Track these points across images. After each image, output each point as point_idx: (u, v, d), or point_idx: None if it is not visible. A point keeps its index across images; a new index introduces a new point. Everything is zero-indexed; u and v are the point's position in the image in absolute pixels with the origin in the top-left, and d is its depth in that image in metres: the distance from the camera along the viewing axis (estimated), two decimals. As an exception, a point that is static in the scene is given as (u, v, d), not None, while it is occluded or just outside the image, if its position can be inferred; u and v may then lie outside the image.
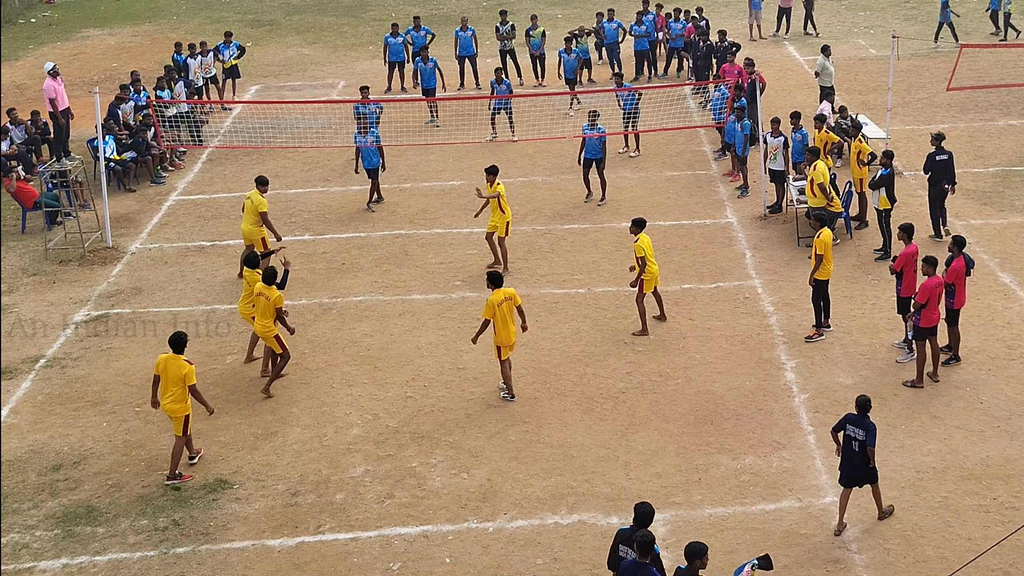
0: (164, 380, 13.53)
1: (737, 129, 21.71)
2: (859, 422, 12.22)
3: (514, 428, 14.65)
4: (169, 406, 13.54)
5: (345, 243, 20.41)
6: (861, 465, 12.20)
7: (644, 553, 9.85)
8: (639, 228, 16.52)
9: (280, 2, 41.04)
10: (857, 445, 12.18)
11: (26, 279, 19.44)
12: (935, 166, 19.12)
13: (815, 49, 29.25)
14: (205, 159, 25.14)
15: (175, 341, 13.63)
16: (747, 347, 16.39)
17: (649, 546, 9.83)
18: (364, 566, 12.27)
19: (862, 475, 12.28)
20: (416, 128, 25.81)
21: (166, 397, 13.54)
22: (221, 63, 28.75)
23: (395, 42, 28.43)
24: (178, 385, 13.48)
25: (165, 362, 13.55)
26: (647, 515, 10.24)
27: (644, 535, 9.92)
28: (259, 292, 15.33)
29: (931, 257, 15.02)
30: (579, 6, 38.17)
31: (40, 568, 12.39)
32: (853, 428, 12.24)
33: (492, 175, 18.72)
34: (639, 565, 9.85)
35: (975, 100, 26.77)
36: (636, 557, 9.92)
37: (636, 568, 9.86)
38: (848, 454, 12.28)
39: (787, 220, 20.51)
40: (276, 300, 15.29)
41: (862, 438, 12.14)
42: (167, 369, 13.50)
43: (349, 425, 14.84)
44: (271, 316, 15.31)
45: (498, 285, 14.96)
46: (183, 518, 13.09)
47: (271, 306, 15.27)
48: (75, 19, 39.28)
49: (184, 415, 13.58)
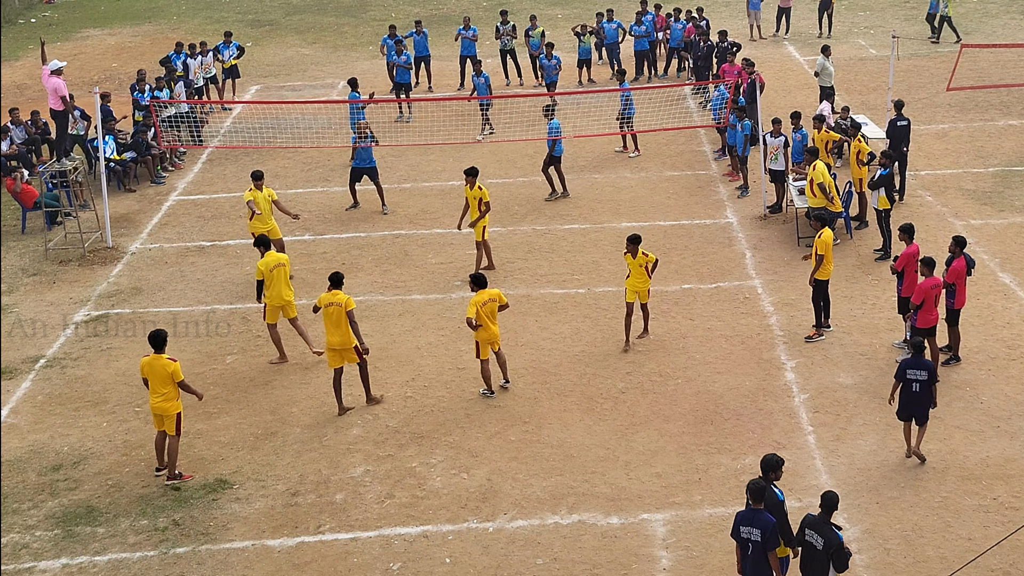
0: (152, 381, 13.46)
1: (737, 129, 21.72)
2: (918, 363, 13.26)
3: (514, 428, 14.65)
4: (160, 405, 13.48)
5: (345, 243, 20.41)
6: (920, 403, 13.32)
7: (757, 499, 10.40)
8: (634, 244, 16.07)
9: (280, 2, 41.06)
10: (918, 386, 13.23)
11: (26, 279, 19.44)
12: (896, 131, 21.05)
13: (815, 49, 29.27)
14: (205, 159, 25.15)
15: (154, 339, 13.49)
16: (747, 347, 16.39)
17: (760, 492, 10.39)
18: (364, 566, 12.27)
19: (921, 412, 13.39)
20: (417, 128, 25.80)
21: (157, 397, 13.47)
22: (221, 63, 28.76)
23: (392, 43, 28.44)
24: (167, 384, 13.41)
25: (149, 364, 13.45)
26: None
27: (755, 482, 10.48)
28: (328, 303, 14.60)
29: (929, 259, 15.02)
30: (579, 6, 38.17)
31: (40, 568, 12.39)
32: (914, 371, 13.25)
33: (472, 177, 18.52)
34: (754, 511, 10.41)
35: (975, 100, 26.77)
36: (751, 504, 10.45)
37: (752, 514, 10.41)
38: (908, 394, 13.35)
39: (787, 220, 20.52)
40: (348, 303, 14.58)
41: (924, 378, 13.21)
42: (153, 370, 13.41)
43: (349, 425, 14.84)
44: (346, 324, 14.54)
45: (481, 286, 15.03)
46: (183, 518, 13.09)
47: (343, 312, 14.52)
48: (75, 19, 39.30)
49: (176, 413, 13.54)
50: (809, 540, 10.45)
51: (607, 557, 12.23)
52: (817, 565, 10.40)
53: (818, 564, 10.39)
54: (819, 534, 10.35)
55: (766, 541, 10.27)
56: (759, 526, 10.29)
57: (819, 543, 10.34)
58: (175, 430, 13.61)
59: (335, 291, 14.72)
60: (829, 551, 10.25)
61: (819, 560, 10.36)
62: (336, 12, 39.31)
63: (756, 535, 10.32)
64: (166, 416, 13.57)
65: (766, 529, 10.26)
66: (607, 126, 24.48)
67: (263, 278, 16.00)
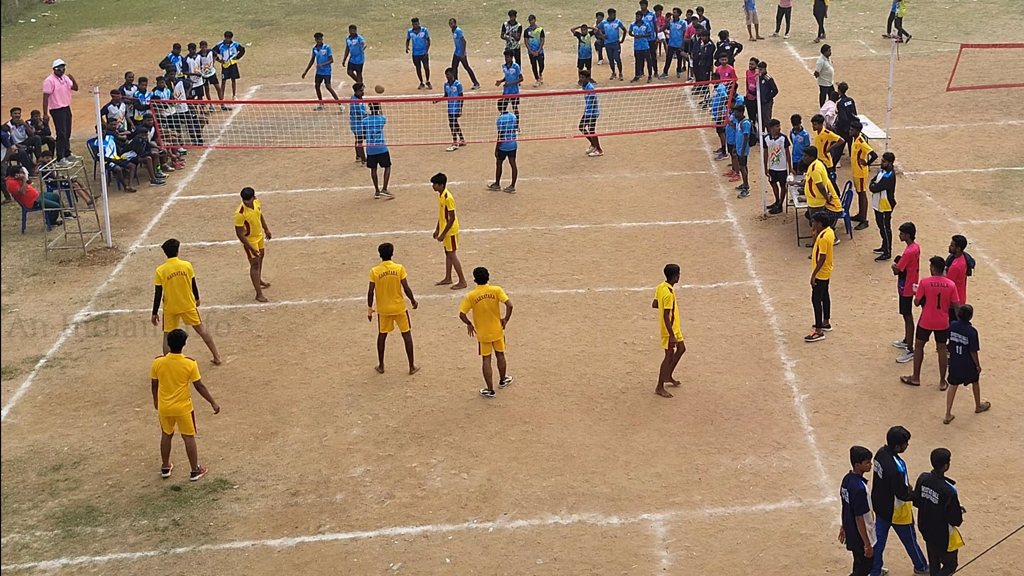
0: (165, 381, 13.42)
1: (736, 128, 21.73)
2: (962, 329, 13.94)
3: (514, 428, 14.65)
4: (175, 406, 13.44)
5: (345, 243, 20.42)
6: (964, 366, 13.99)
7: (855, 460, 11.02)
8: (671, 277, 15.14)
9: (280, 2, 41.06)
10: (961, 349, 13.93)
11: (26, 279, 19.44)
12: (842, 111, 22.39)
13: (815, 49, 29.31)
14: (205, 159, 25.15)
15: (175, 339, 13.59)
16: (747, 347, 16.39)
17: (860, 455, 11.00)
18: (364, 566, 12.27)
19: (966, 374, 14.08)
20: (417, 128, 25.78)
21: (170, 398, 13.42)
22: (221, 63, 28.76)
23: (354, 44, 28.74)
24: (182, 383, 13.40)
25: (165, 364, 13.44)
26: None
27: (856, 448, 11.11)
28: (383, 272, 15.43)
29: (938, 259, 15.02)
30: (579, 6, 38.17)
31: (40, 568, 12.39)
32: (957, 335, 13.96)
33: (439, 184, 18.11)
34: (852, 475, 11.01)
35: (975, 100, 26.77)
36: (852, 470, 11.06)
37: (849, 478, 11.03)
38: (953, 357, 14.10)
39: (787, 220, 20.51)
40: (401, 272, 15.55)
41: (966, 343, 13.89)
42: (169, 370, 13.39)
43: (349, 425, 14.84)
44: (400, 292, 15.51)
45: (481, 281, 15.09)
46: (183, 518, 13.09)
47: (398, 280, 15.47)
48: (75, 19, 39.30)
49: (190, 412, 13.55)
50: (926, 497, 11.12)
51: (607, 557, 12.24)
52: (935, 521, 11.10)
53: (936, 520, 11.09)
54: (934, 489, 11.04)
55: (853, 504, 10.91)
56: (850, 488, 10.98)
57: (935, 498, 11.01)
58: (191, 428, 13.59)
59: (387, 262, 15.57)
60: (945, 503, 10.92)
61: (936, 516, 11.06)
62: (336, 12, 39.31)
63: (846, 496, 11.02)
64: (180, 417, 13.50)
65: (853, 491, 10.92)
66: (607, 126, 24.48)
67: (161, 284, 15.70)
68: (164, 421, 13.63)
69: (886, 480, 11.26)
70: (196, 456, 13.76)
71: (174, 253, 16.02)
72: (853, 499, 10.93)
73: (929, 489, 11.07)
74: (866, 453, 11.07)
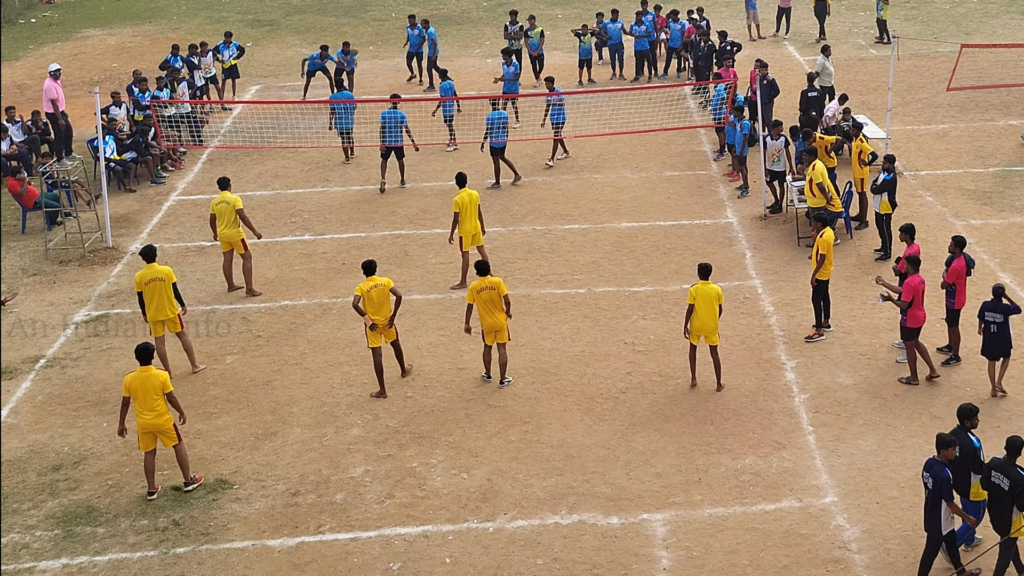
0: (142, 398, 13.04)
1: (736, 128, 21.73)
2: (995, 306, 14.45)
3: (514, 428, 14.65)
4: (155, 422, 13.08)
5: (345, 243, 20.41)
6: (997, 342, 14.53)
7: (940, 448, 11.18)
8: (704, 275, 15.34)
9: (280, 2, 41.06)
10: (995, 327, 14.44)
11: (26, 279, 19.44)
12: (807, 100, 23.69)
13: (815, 49, 29.29)
14: (205, 159, 25.15)
15: (143, 352, 13.13)
16: (747, 347, 16.39)
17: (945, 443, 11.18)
18: (364, 566, 12.27)
19: (999, 350, 14.60)
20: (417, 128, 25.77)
21: (150, 413, 13.04)
22: (220, 63, 28.76)
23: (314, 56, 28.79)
24: (159, 397, 13.07)
25: (139, 379, 13.03)
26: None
27: (941, 435, 11.31)
28: (371, 287, 15.01)
29: (914, 256, 15.08)
30: (579, 6, 38.17)
31: (40, 568, 12.39)
32: (991, 313, 14.47)
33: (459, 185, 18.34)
34: (934, 461, 11.22)
35: (975, 100, 26.77)
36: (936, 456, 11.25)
37: (932, 464, 11.22)
38: (987, 334, 14.57)
39: (787, 220, 20.51)
40: (388, 283, 15.20)
41: (1000, 320, 14.42)
42: (144, 385, 13.01)
43: (349, 425, 14.84)
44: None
45: (482, 273, 15.31)
46: (183, 518, 13.09)
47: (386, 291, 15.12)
48: (75, 19, 39.30)
49: (172, 423, 13.25)
50: (996, 482, 11.23)
51: (607, 557, 12.24)
52: (1003, 506, 11.20)
53: (1004, 505, 11.19)
54: (1005, 475, 11.14)
55: (937, 490, 11.09)
56: (933, 474, 11.15)
57: (1005, 484, 11.12)
58: (176, 438, 13.35)
59: (372, 277, 15.20)
60: (1015, 490, 11.01)
61: (1005, 501, 11.16)
62: (336, 12, 39.31)
63: (928, 481, 11.21)
64: (162, 432, 13.19)
65: (937, 479, 11.09)
66: (607, 126, 24.48)
67: (141, 290, 15.67)
68: (144, 439, 13.22)
69: (963, 456, 11.49)
70: (188, 465, 13.56)
71: (152, 259, 15.85)
72: (937, 486, 11.08)
73: (1000, 474, 11.18)
74: (952, 440, 11.24)
